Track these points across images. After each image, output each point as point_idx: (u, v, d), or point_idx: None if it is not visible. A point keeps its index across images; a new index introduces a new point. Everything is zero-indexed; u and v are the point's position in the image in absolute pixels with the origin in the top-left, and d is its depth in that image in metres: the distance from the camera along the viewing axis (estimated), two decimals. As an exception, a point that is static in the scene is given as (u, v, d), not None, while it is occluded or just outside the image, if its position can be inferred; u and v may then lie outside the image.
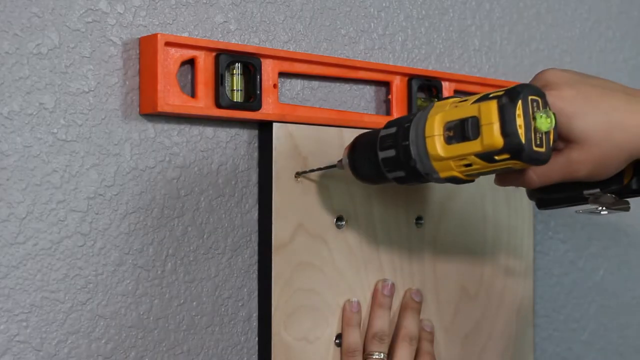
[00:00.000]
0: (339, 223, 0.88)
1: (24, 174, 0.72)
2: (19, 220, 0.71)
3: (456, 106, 0.71)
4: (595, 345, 1.21)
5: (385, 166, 0.76)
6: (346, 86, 0.93)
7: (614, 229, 1.23)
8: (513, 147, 0.67)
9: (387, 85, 0.95)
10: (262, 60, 0.83)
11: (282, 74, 0.87)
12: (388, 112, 0.95)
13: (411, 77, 0.95)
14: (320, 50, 0.90)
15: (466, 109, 0.69)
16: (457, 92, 1.01)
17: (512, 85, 0.69)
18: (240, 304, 0.84)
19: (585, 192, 0.79)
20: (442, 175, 0.72)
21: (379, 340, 0.88)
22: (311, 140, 0.86)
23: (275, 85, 0.84)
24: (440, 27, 1.01)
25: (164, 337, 0.79)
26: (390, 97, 0.94)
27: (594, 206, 0.82)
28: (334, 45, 0.91)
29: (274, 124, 0.84)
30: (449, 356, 0.97)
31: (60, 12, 0.74)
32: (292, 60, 0.85)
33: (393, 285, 0.91)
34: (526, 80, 1.10)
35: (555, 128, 0.70)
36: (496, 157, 0.69)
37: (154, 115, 0.78)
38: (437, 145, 0.71)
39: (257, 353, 0.85)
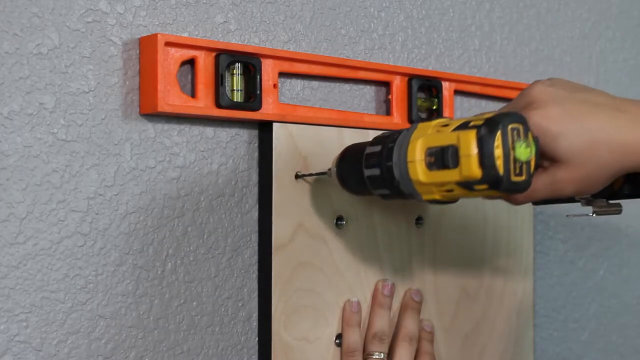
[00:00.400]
0: (339, 223, 0.88)
1: (24, 174, 0.72)
2: (19, 220, 0.71)
3: (438, 131, 0.70)
4: (595, 345, 1.21)
5: (369, 183, 0.76)
6: (346, 86, 0.93)
7: (614, 229, 1.23)
8: (491, 178, 0.67)
9: (387, 85, 0.95)
10: (262, 60, 0.83)
11: (282, 74, 0.87)
12: (388, 112, 0.95)
13: (411, 77, 0.95)
14: (320, 50, 0.90)
15: (447, 136, 0.69)
16: (457, 92, 1.01)
17: (492, 114, 0.68)
18: (240, 304, 0.84)
19: (577, 195, 0.79)
20: (425, 197, 0.72)
21: (379, 340, 0.88)
22: (311, 140, 0.86)
23: (275, 85, 0.84)
24: (440, 27, 1.01)
25: (164, 337, 0.79)
26: (390, 97, 0.94)
27: (585, 210, 0.82)
28: (334, 45, 0.91)
29: (274, 124, 0.84)
30: (449, 356, 0.98)
31: (60, 12, 0.74)
32: (292, 60, 0.85)
33: (393, 285, 0.91)
34: (525, 80, 1.10)
35: (537, 153, 0.70)
36: (475, 187, 0.68)
37: (154, 115, 0.78)
38: (419, 170, 0.70)
39: (257, 353, 0.85)
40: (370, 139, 0.77)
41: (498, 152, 0.67)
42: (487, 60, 1.07)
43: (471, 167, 0.67)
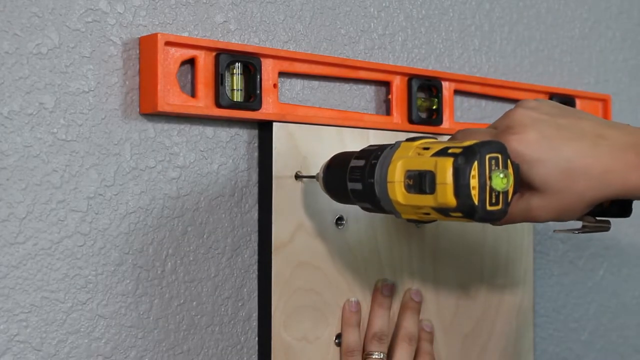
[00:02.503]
0: (339, 223, 0.88)
1: (24, 173, 0.72)
2: (19, 220, 0.71)
3: (419, 154, 0.70)
4: (595, 345, 1.21)
5: (352, 195, 0.76)
6: (346, 86, 0.93)
7: (614, 229, 1.22)
8: (465, 208, 0.67)
9: (387, 85, 0.95)
10: (262, 60, 0.83)
11: (282, 74, 0.87)
12: (388, 112, 0.95)
13: (411, 77, 0.95)
14: (320, 50, 0.90)
15: (425, 161, 0.69)
16: (457, 92, 1.01)
17: (471, 143, 0.67)
18: (240, 304, 0.84)
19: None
20: (403, 216, 0.73)
21: (378, 340, 0.88)
22: (311, 140, 0.86)
23: (275, 85, 0.84)
24: (440, 27, 1.01)
25: (164, 337, 0.79)
26: (390, 97, 0.94)
27: (573, 225, 0.81)
28: (334, 45, 0.91)
29: (274, 124, 0.84)
30: (448, 356, 0.98)
31: (60, 12, 0.74)
32: (292, 60, 0.85)
33: (393, 285, 0.91)
34: (525, 80, 1.10)
35: (517, 181, 0.69)
36: (451, 213, 0.68)
37: (154, 115, 0.78)
38: (397, 191, 0.71)
39: (257, 353, 0.85)
40: (361, 149, 0.77)
41: (474, 182, 0.66)
42: (487, 60, 1.07)
43: (446, 195, 0.67)
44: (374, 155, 0.74)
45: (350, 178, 0.76)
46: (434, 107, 0.97)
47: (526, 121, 0.72)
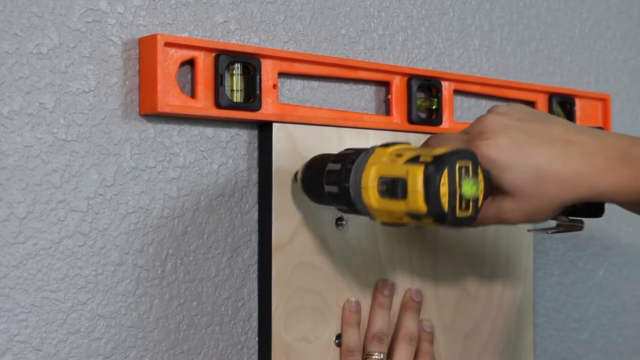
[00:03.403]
0: (339, 223, 0.88)
1: (24, 173, 0.72)
2: (19, 220, 0.72)
3: (392, 160, 0.72)
4: (595, 345, 1.21)
5: (329, 198, 0.78)
6: (346, 86, 0.93)
7: (614, 230, 1.23)
8: (436, 214, 0.69)
9: (387, 85, 0.95)
10: (261, 60, 0.83)
11: (282, 74, 0.87)
12: (388, 112, 0.95)
13: (411, 77, 0.95)
14: (320, 50, 0.90)
15: (398, 168, 0.71)
16: (457, 92, 1.01)
17: (442, 151, 0.69)
18: (240, 304, 0.84)
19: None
20: (378, 220, 0.74)
21: (378, 340, 0.88)
22: (311, 140, 0.86)
23: (275, 86, 0.84)
24: (440, 27, 1.01)
25: (164, 337, 0.79)
26: (390, 97, 0.94)
27: (549, 224, 0.82)
28: (334, 45, 0.91)
29: (274, 124, 0.84)
30: (449, 356, 0.98)
31: (60, 12, 0.74)
32: (292, 60, 0.85)
33: (393, 285, 0.91)
34: (525, 80, 1.10)
35: (487, 187, 0.71)
36: (422, 219, 0.70)
37: (153, 116, 0.78)
38: (371, 196, 0.72)
39: (257, 353, 0.85)
40: (338, 152, 0.79)
41: (444, 189, 0.68)
42: (487, 60, 1.07)
43: (417, 201, 0.69)
44: (350, 159, 0.75)
45: (327, 181, 0.77)
46: (434, 107, 0.97)
47: (497, 127, 0.74)
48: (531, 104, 1.09)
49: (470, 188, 0.69)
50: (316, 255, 0.86)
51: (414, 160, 0.70)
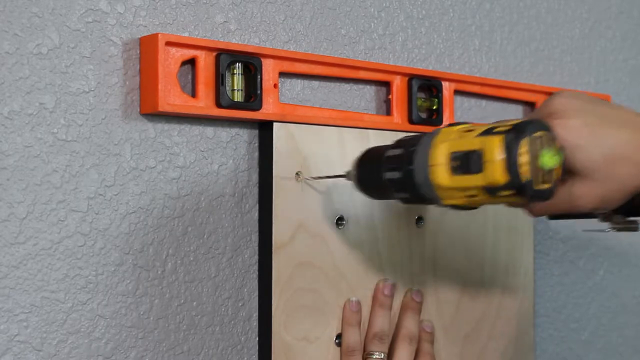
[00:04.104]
0: (339, 223, 0.88)
1: (24, 174, 0.72)
2: (19, 220, 0.71)
3: (461, 136, 0.70)
4: (595, 345, 1.21)
5: (389, 186, 0.75)
6: (346, 86, 0.93)
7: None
8: (516, 185, 0.67)
9: (387, 85, 0.95)
10: (262, 60, 0.83)
11: (283, 74, 0.86)
12: (388, 112, 0.95)
13: (411, 77, 0.95)
14: (320, 50, 0.90)
15: (471, 141, 0.69)
16: (457, 92, 1.01)
17: (518, 121, 0.68)
18: (240, 304, 0.84)
19: (595, 211, 0.78)
20: (445, 202, 0.72)
21: (379, 340, 0.88)
22: (311, 140, 0.86)
23: (275, 85, 0.84)
24: (440, 27, 1.01)
25: (164, 337, 0.79)
26: (390, 97, 0.94)
27: (602, 225, 0.82)
28: (334, 45, 0.91)
29: (275, 124, 0.84)
30: (449, 356, 0.97)
31: (60, 12, 0.74)
32: (293, 60, 0.85)
33: (394, 285, 0.91)
34: (525, 80, 1.10)
35: (563, 162, 0.70)
36: (499, 193, 0.68)
37: (154, 115, 0.78)
38: (441, 174, 0.70)
39: (257, 353, 0.85)
40: (390, 142, 0.76)
41: (524, 158, 0.66)
42: (487, 60, 1.07)
43: (495, 172, 0.67)
44: (412, 142, 0.73)
45: (387, 167, 0.75)
46: (434, 107, 0.97)
47: (567, 108, 0.73)
48: (531, 104, 1.09)
49: (550, 159, 0.67)
50: (316, 255, 0.86)
51: (488, 132, 0.68)
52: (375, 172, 0.76)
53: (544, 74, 1.13)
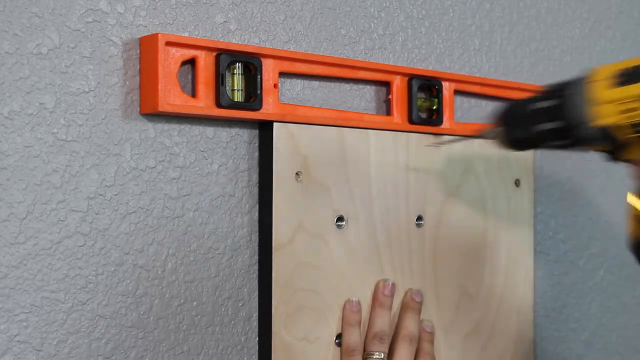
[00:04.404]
0: (339, 223, 0.88)
1: (24, 174, 0.72)
2: (19, 220, 0.71)
3: (623, 62, 0.71)
4: (595, 345, 1.21)
5: (539, 115, 0.75)
6: (346, 86, 0.93)
7: (614, 230, 1.23)
8: None
9: (387, 85, 0.95)
10: (262, 60, 0.83)
11: (283, 74, 0.87)
12: (388, 112, 0.95)
13: (411, 77, 0.95)
14: (320, 50, 0.90)
15: (636, 60, 0.69)
16: (457, 92, 1.01)
17: None
18: (240, 304, 0.84)
19: None
20: (601, 122, 0.71)
21: (379, 340, 0.88)
22: (312, 140, 0.86)
23: (275, 85, 0.84)
24: (441, 27, 1.01)
25: (164, 337, 0.79)
26: (390, 97, 0.94)
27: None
28: (334, 45, 0.91)
29: (275, 124, 0.84)
30: (449, 356, 0.98)
31: (60, 12, 0.74)
32: (293, 60, 0.85)
33: (394, 285, 0.91)
34: (525, 80, 1.10)
35: None
36: None
37: (154, 115, 0.78)
38: (599, 89, 0.70)
39: (257, 353, 0.85)
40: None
41: None
42: (487, 60, 1.07)
43: None
44: (562, 83, 0.75)
45: (537, 99, 0.75)
46: (434, 107, 0.97)
47: None
48: (531, 104, 1.09)
49: None
50: (316, 255, 0.86)
51: None
52: (521, 110, 0.78)
53: (544, 74, 1.13)
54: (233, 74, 0.81)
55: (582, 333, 1.19)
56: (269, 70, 0.83)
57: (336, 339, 0.88)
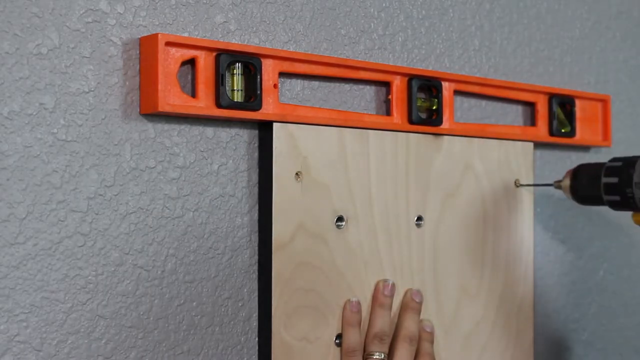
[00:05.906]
0: (339, 223, 0.88)
1: (24, 174, 0.72)
2: (19, 220, 0.71)
3: None
4: (595, 345, 1.21)
5: (605, 190, 0.89)
6: (346, 86, 0.93)
7: (614, 230, 1.23)
8: None
9: (387, 85, 0.95)
10: (262, 60, 0.83)
11: (283, 74, 0.87)
12: (388, 112, 0.95)
13: (411, 77, 0.94)
14: (320, 50, 0.90)
15: None
16: (457, 92, 1.01)
17: None
18: (240, 304, 0.84)
19: None
20: None
21: (379, 341, 0.88)
22: (311, 140, 0.86)
23: (275, 85, 0.84)
24: (440, 27, 1.01)
25: (164, 337, 0.79)
26: (390, 97, 0.94)
27: None
28: (334, 45, 0.91)
29: (274, 124, 0.84)
30: (449, 356, 0.98)
31: (60, 12, 0.74)
32: (293, 60, 0.85)
33: (394, 285, 0.91)
34: (525, 80, 1.10)
35: None
36: None
37: (154, 115, 0.78)
38: None
39: (257, 353, 0.85)
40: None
41: None
42: (487, 60, 1.06)
43: None
44: (634, 157, 0.88)
45: (605, 174, 0.87)
46: (434, 108, 0.97)
47: None
48: (531, 104, 1.09)
49: None
50: (316, 255, 0.86)
51: None
52: (592, 179, 0.89)
53: (544, 74, 1.13)
54: (233, 74, 0.81)
55: (582, 333, 1.19)
56: (269, 71, 0.83)
57: (336, 339, 0.88)
